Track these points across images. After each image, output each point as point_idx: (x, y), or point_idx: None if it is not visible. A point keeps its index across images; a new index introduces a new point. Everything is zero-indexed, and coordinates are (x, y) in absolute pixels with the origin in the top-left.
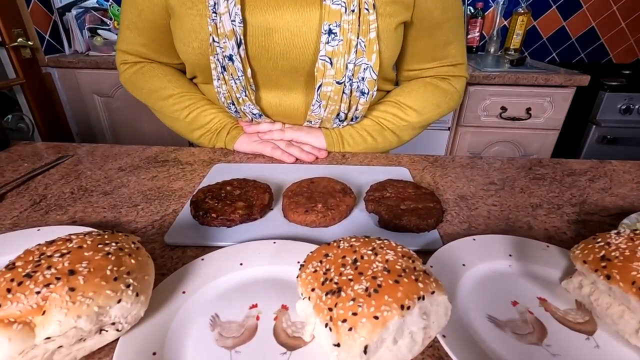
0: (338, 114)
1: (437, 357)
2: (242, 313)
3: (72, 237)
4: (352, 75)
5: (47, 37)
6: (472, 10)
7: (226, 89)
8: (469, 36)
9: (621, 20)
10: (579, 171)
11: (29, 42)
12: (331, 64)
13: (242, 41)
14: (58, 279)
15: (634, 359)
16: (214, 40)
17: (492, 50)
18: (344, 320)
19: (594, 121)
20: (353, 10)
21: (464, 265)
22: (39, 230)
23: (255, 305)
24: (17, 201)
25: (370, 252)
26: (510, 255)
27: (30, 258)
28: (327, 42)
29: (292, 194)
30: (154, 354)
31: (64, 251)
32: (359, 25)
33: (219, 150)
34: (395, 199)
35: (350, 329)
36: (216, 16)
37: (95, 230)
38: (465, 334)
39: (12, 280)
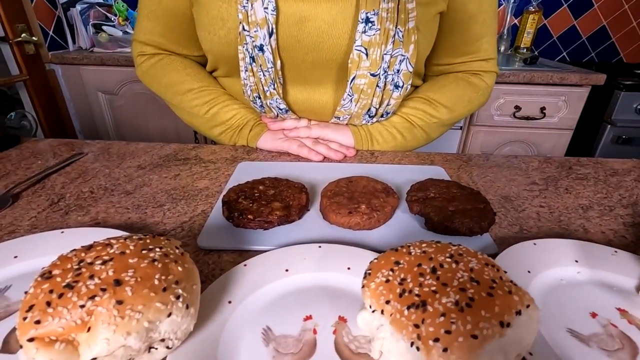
0: (369, 109)
1: None
2: (296, 326)
3: (112, 241)
4: (388, 67)
5: (50, 32)
6: None
7: (253, 81)
8: None
9: (632, 20)
10: (621, 171)
11: (33, 38)
12: (367, 54)
13: (274, 31)
14: (103, 290)
15: None
16: (243, 29)
17: (502, 49)
18: (437, 340)
19: (609, 121)
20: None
21: (529, 272)
22: (62, 232)
23: (309, 317)
24: (34, 201)
25: (449, 260)
26: (576, 262)
27: (69, 266)
28: (364, 32)
29: (331, 194)
30: None
31: (106, 258)
32: (397, 14)
33: (240, 148)
34: (441, 199)
35: (445, 350)
36: (247, 3)
37: (135, 234)
38: (550, 351)
39: (51, 291)
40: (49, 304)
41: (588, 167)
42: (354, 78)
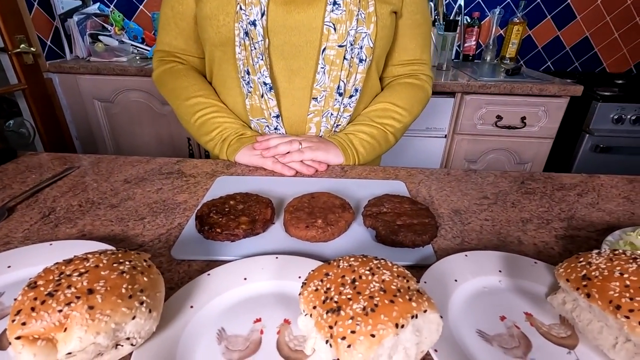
0: (339, 86)
1: None
2: (247, 327)
3: (89, 256)
4: (354, 41)
5: (48, 42)
6: (469, 20)
7: (245, 55)
8: (466, 45)
9: (614, 31)
10: (568, 185)
11: (32, 49)
12: (334, 29)
13: (265, 11)
14: (78, 297)
15: None
16: (240, 9)
17: (488, 58)
18: (343, 338)
19: (587, 130)
20: None
21: (456, 280)
22: (51, 244)
23: (259, 320)
24: (27, 214)
25: (368, 272)
26: (500, 271)
27: (51, 277)
28: (332, 11)
29: (293, 209)
30: None
31: (82, 270)
32: (359, 0)
33: (221, 163)
34: (392, 214)
35: (349, 346)
36: None
37: (110, 247)
38: (456, 348)
39: (35, 299)
40: (33, 309)
41: (539, 182)
42: (324, 49)
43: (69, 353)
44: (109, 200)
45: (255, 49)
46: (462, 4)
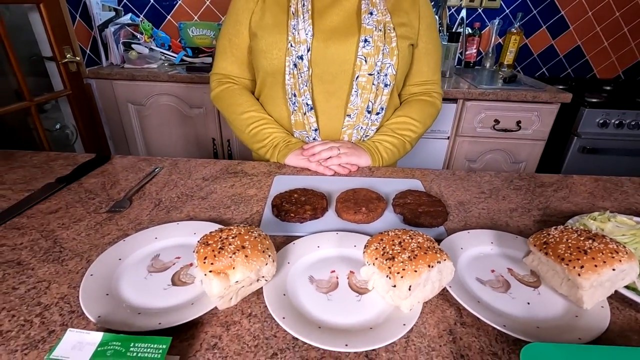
0: (368, 105)
1: (446, 299)
2: (327, 274)
3: (232, 228)
4: (380, 70)
5: (87, 51)
6: (470, 30)
7: (293, 82)
8: (467, 52)
9: (604, 40)
10: (547, 183)
11: (77, 58)
12: (365, 61)
13: (310, 48)
14: (238, 250)
15: (559, 300)
16: (291, 46)
17: (487, 65)
18: (398, 272)
19: (576, 133)
20: (380, 30)
21: (462, 248)
22: (178, 224)
23: (333, 271)
24: (142, 204)
25: (408, 237)
26: (492, 243)
27: (216, 239)
28: (363, 47)
29: (342, 200)
30: (284, 295)
31: (233, 235)
32: (384, 38)
33: (273, 164)
34: (414, 204)
35: (401, 277)
36: (295, 30)
37: (219, 225)
38: (462, 286)
39: (212, 251)
40: (214, 256)
41: (524, 181)
42: (357, 77)
43: (236, 282)
44: (198, 193)
45: (301, 77)
46: (464, 15)
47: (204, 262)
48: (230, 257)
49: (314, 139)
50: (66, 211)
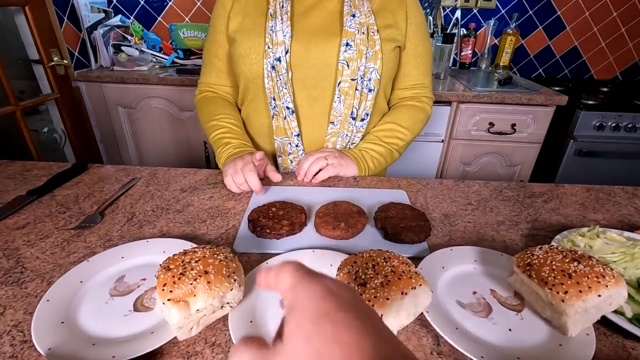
0: (352, 111)
1: (423, 325)
2: None
3: (196, 249)
4: (363, 75)
5: (76, 53)
6: (466, 31)
7: (271, 85)
8: (462, 53)
9: (601, 40)
10: (537, 194)
11: (64, 61)
12: (347, 66)
13: (289, 50)
14: (200, 276)
15: (542, 326)
16: (268, 47)
17: (483, 66)
18: (369, 301)
19: (572, 136)
20: (364, 32)
21: (443, 267)
22: (147, 241)
23: None
24: (115, 217)
25: (382, 260)
26: (475, 261)
27: (177, 263)
28: (345, 51)
29: (322, 214)
30: (251, 321)
31: (196, 259)
32: (367, 41)
33: None
34: (397, 218)
35: (372, 306)
36: (272, 32)
37: (190, 243)
38: (441, 311)
39: (173, 276)
40: (174, 282)
41: (514, 191)
42: (339, 83)
43: (197, 310)
44: (174, 206)
45: (280, 80)
46: (459, 16)
47: (163, 290)
48: (191, 283)
49: (296, 145)
50: (34, 227)
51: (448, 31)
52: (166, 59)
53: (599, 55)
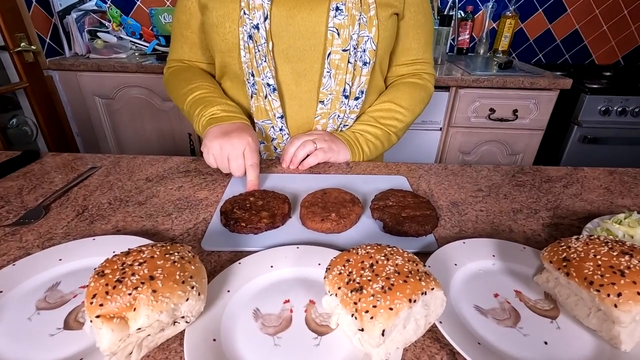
0: (344, 88)
1: (435, 339)
2: (278, 307)
3: (143, 248)
4: (357, 45)
5: (47, 40)
6: (463, 14)
7: (249, 58)
8: (460, 38)
9: (603, 24)
10: (555, 178)
11: (32, 47)
12: (338, 34)
13: (268, 15)
14: (142, 283)
15: (586, 337)
16: (244, 13)
17: (481, 51)
18: (367, 311)
19: (576, 122)
20: None
21: (455, 264)
22: (94, 239)
23: (287, 301)
24: (62, 212)
25: (383, 258)
26: (493, 256)
27: (115, 267)
28: (335, 17)
29: (308, 204)
30: (214, 340)
31: (141, 261)
32: (361, 5)
33: None
34: (397, 207)
35: (371, 318)
36: None
37: (147, 241)
38: (457, 320)
39: (106, 284)
40: (107, 292)
41: (528, 175)
42: (329, 54)
43: (139, 329)
44: (136, 197)
45: (258, 51)
46: None
47: (91, 303)
48: (130, 293)
49: (280, 129)
50: None
51: (445, 13)
52: (147, 46)
53: (600, 39)
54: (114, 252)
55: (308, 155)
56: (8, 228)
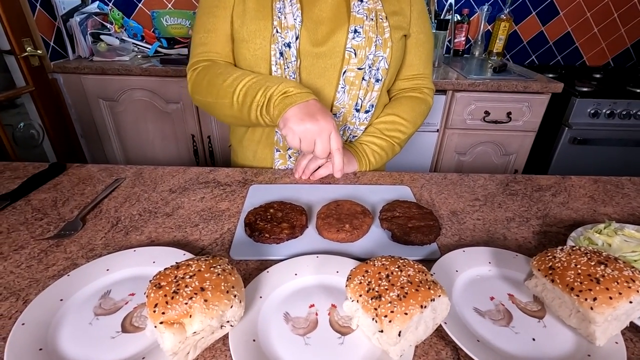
0: (356, 102)
1: (441, 337)
2: (304, 310)
3: (190, 262)
4: (372, 64)
5: (51, 43)
6: (459, 17)
7: (279, 73)
8: (456, 40)
9: (594, 26)
10: (545, 187)
11: (38, 52)
12: (355, 54)
13: (299, 36)
14: (196, 294)
15: (568, 334)
16: (277, 32)
17: (476, 53)
18: (386, 316)
19: (567, 124)
20: (372, 19)
21: (456, 271)
22: (135, 251)
23: (312, 305)
24: (98, 224)
25: (397, 269)
26: (489, 263)
27: (170, 279)
28: (353, 38)
29: (324, 215)
30: (254, 340)
31: (191, 274)
32: (377, 28)
33: (250, 170)
34: (404, 218)
35: (390, 321)
36: (281, 14)
37: (181, 251)
38: (459, 321)
39: (165, 295)
40: (167, 302)
41: (520, 184)
42: (345, 71)
43: (194, 332)
44: (163, 209)
45: (288, 68)
46: (453, 1)
47: (154, 311)
48: (186, 303)
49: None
50: (7, 236)
51: (442, 17)
52: (149, 49)
53: (591, 41)
54: (153, 262)
55: (319, 167)
56: (51, 240)
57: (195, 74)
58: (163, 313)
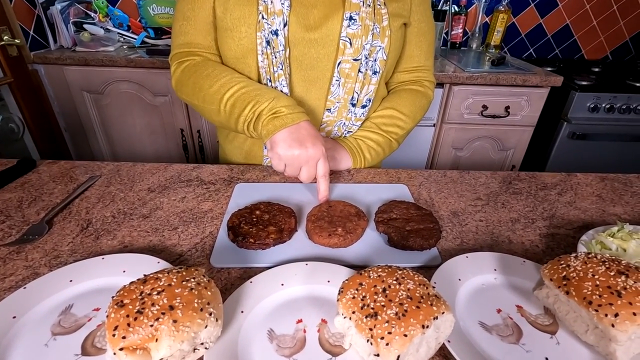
0: (352, 96)
1: (444, 356)
2: (291, 327)
3: (160, 275)
4: (368, 54)
5: (31, 32)
6: (457, 8)
7: (267, 63)
8: (453, 32)
9: (593, 19)
10: (550, 185)
11: (16, 41)
12: (350, 44)
13: (287, 22)
14: (163, 314)
15: (584, 352)
16: (263, 18)
17: (474, 46)
18: (382, 338)
19: (565, 118)
20: (369, 5)
21: (459, 279)
22: (103, 258)
23: (300, 320)
24: (66, 227)
25: (395, 282)
26: (495, 270)
27: (134, 296)
28: (348, 26)
29: (314, 218)
30: None
31: (159, 289)
32: (374, 15)
33: (236, 168)
34: (401, 220)
35: (387, 344)
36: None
37: (154, 258)
38: (464, 338)
39: (127, 316)
40: (128, 324)
41: (524, 182)
42: (339, 63)
43: (161, 359)
44: (139, 210)
45: (276, 57)
46: None
47: (114, 335)
48: (152, 325)
49: None
50: None
51: (439, 8)
52: (135, 39)
53: (590, 34)
54: (124, 271)
55: None
56: (11, 246)
57: (180, 72)
58: (124, 337)
